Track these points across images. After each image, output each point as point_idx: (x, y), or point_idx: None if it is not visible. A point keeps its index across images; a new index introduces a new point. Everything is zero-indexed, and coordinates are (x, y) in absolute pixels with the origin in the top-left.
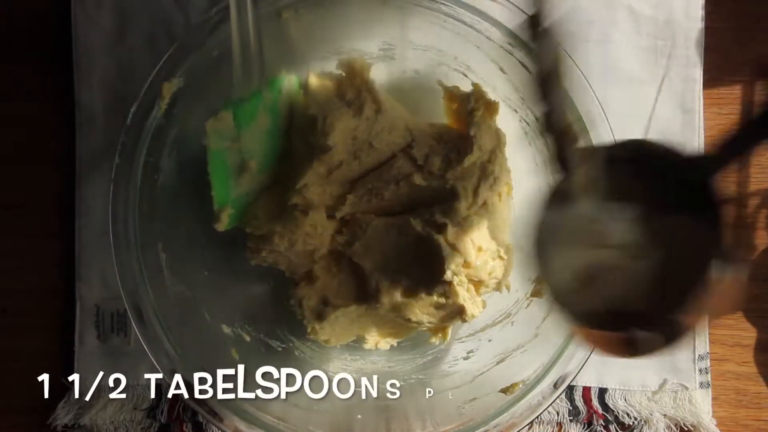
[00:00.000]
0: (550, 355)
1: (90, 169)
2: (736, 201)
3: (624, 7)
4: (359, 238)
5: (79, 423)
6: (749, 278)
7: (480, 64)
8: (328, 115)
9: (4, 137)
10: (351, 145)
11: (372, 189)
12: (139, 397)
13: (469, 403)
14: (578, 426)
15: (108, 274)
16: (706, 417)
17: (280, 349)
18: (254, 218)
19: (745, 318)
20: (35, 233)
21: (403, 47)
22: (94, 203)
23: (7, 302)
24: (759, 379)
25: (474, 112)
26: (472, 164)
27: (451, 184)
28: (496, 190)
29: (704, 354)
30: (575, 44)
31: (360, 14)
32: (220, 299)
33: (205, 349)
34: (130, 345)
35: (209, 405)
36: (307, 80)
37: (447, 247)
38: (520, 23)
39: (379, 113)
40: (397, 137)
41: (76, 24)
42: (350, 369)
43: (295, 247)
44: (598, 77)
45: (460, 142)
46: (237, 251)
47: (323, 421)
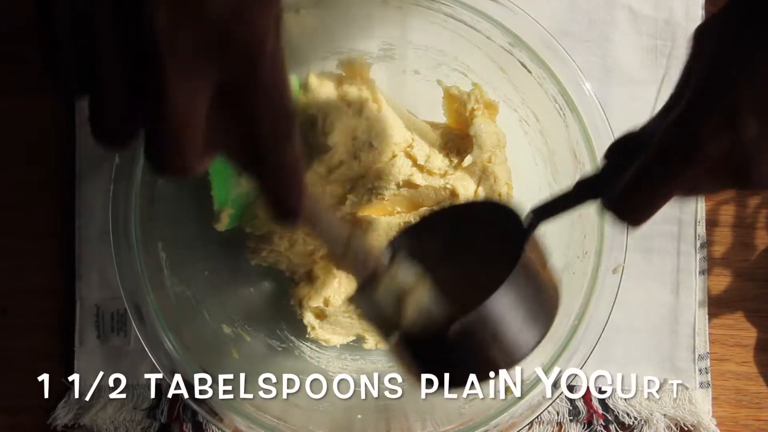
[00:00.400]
0: (550, 355)
1: (90, 169)
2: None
3: (624, 7)
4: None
5: (79, 423)
6: (749, 278)
7: (480, 64)
8: (328, 115)
9: (4, 137)
10: (351, 145)
11: (372, 189)
12: (139, 397)
13: (469, 403)
14: (578, 426)
15: (108, 274)
16: (706, 417)
17: (280, 349)
18: (254, 218)
19: (745, 318)
20: (35, 233)
21: (403, 47)
22: (94, 203)
23: (7, 302)
24: (759, 379)
25: (474, 112)
26: (472, 164)
27: (451, 184)
28: (496, 190)
29: (704, 354)
30: (575, 44)
31: (360, 14)
32: (220, 299)
33: (205, 349)
34: (130, 345)
35: (209, 405)
36: (307, 80)
37: None
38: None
39: (379, 113)
40: (397, 137)
41: None
42: (350, 369)
43: (295, 247)
44: (598, 77)
45: (460, 142)
46: (237, 251)
47: (323, 421)
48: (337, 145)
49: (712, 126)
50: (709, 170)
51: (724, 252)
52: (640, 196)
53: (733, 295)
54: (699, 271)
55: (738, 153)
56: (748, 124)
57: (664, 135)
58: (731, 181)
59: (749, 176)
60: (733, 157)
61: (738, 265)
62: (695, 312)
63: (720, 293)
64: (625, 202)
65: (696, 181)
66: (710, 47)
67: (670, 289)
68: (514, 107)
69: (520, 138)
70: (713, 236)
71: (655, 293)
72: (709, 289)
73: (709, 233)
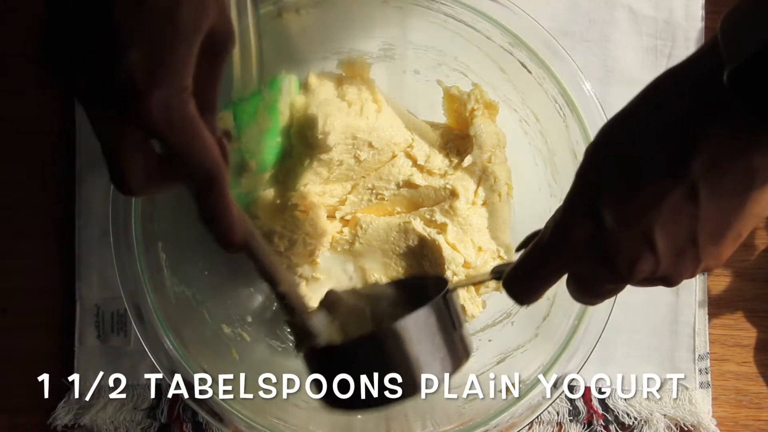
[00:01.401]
0: (550, 355)
1: (90, 169)
2: None
3: (624, 7)
4: (359, 238)
5: (79, 423)
6: (749, 279)
7: (480, 64)
8: (328, 115)
9: (4, 137)
10: (351, 145)
11: (372, 189)
12: (139, 397)
13: (469, 403)
14: (578, 426)
15: (108, 274)
16: (706, 417)
17: (280, 349)
18: (254, 218)
19: (745, 318)
20: (35, 233)
21: (403, 47)
22: (94, 203)
23: (7, 302)
24: (759, 379)
25: (474, 112)
26: (472, 164)
27: (451, 184)
28: (496, 190)
29: (704, 354)
30: (575, 44)
31: (360, 14)
32: (220, 299)
33: (205, 349)
34: (130, 345)
35: (209, 405)
36: (307, 80)
37: (447, 247)
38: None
39: (379, 113)
40: (397, 137)
41: None
42: None
43: (295, 248)
44: (598, 77)
45: (460, 142)
46: None
47: (323, 421)
48: (337, 145)
49: (577, 216)
50: (581, 258)
51: None
52: (523, 277)
53: (733, 295)
54: None
55: (599, 240)
56: (605, 215)
57: (545, 227)
58: (601, 269)
59: (615, 262)
60: (595, 243)
61: (738, 265)
62: (695, 312)
63: (720, 293)
64: (512, 282)
65: (574, 268)
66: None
67: (670, 289)
68: (514, 107)
69: (520, 138)
70: None
71: (655, 293)
72: (709, 289)
73: None
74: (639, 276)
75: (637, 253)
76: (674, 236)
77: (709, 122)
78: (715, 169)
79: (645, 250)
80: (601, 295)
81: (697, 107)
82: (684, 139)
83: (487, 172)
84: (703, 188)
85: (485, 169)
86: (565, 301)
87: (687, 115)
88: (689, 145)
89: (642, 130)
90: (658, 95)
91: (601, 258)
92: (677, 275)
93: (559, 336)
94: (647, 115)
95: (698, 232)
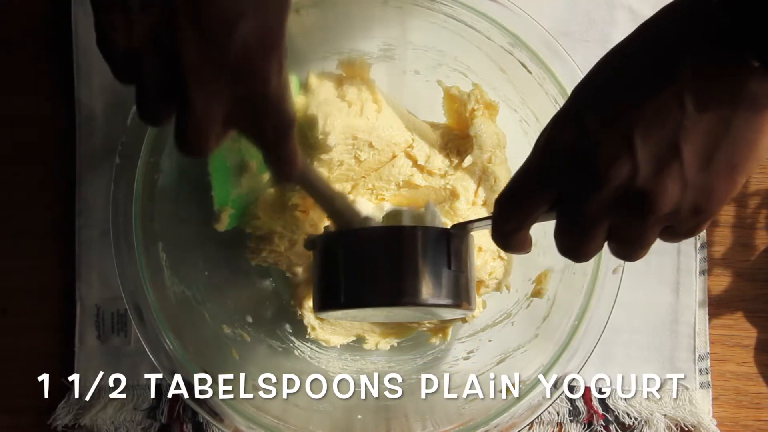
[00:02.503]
0: (550, 355)
1: (90, 169)
2: (736, 201)
3: (624, 7)
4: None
5: (79, 423)
6: (749, 279)
7: (480, 64)
8: (328, 115)
9: (4, 137)
10: (351, 145)
11: (372, 189)
12: (139, 397)
13: (469, 403)
14: (578, 426)
15: (108, 274)
16: (706, 417)
17: (281, 350)
18: (254, 218)
19: (745, 318)
20: (35, 233)
21: (403, 47)
22: (94, 203)
23: (7, 302)
24: (759, 379)
25: (474, 112)
26: (472, 164)
27: (451, 185)
28: (497, 190)
29: (704, 354)
30: (575, 44)
31: (360, 14)
32: (220, 299)
33: (205, 349)
34: (130, 345)
35: (209, 405)
36: (307, 80)
37: None
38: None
39: (379, 113)
40: (397, 137)
41: (76, 24)
42: (350, 369)
43: (295, 248)
44: None
45: (460, 142)
46: (237, 251)
47: (323, 422)
48: (337, 145)
49: (564, 126)
50: (563, 169)
51: (724, 252)
52: (514, 196)
53: (733, 296)
54: (699, 271)
55: (581, 143)
56: (588, 119)
57: (534, 144)
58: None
59: (593, 165)
60: (577, 147)
61: (738, 265)
62: (695, 312)
63: (720, 293)
64: (504, 201)
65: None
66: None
67: (671, 290)
68: (514, 107)
69: (520, 138)
70: (713, 236)
71: (655, 293)
72: (709, 290)
73: (709, 233)
74: (615, 180)
75: (615, 152)
76: (656, 142)
77: (696, 36)
78: (701, 80)
79: (623, 150)
80: (587, 224)
81: (687, 26)
82: (670, 50)
83: (487, 173)
84: (689, 96)
85: (485, 169)
86: (566, 302)
87: (675, 29)
88: (676, 55)
89: (632, 46)
90: (647, 22)
91: (580, 162)
92: (659, 193)
93: (559, 336)
94: (637, 35)
95: (682, 144)
